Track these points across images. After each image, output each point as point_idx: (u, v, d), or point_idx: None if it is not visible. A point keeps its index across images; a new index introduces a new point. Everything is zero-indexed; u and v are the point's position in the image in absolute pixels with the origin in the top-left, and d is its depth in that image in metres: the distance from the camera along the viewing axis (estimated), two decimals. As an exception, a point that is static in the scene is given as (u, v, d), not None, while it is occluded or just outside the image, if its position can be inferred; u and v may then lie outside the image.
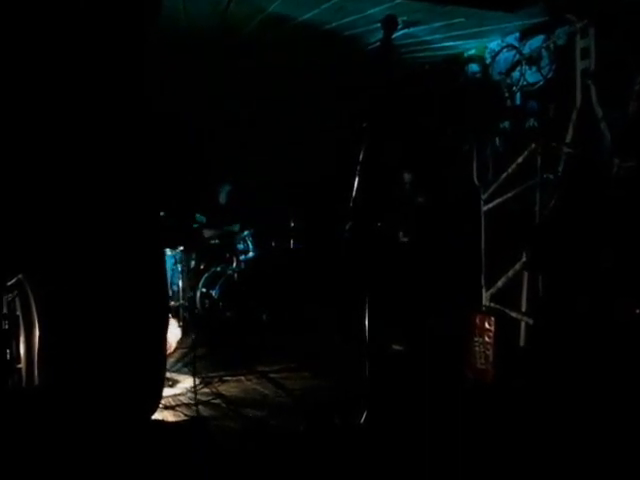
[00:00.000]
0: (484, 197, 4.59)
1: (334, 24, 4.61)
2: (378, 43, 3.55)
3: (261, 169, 6.72)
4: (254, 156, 6.73)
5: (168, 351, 4.24)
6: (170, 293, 5.53)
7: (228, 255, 6.15)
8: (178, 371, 4.67)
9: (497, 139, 4.95)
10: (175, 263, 5.65)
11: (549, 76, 4.64)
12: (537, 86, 4.74)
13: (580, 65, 4.17)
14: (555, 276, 4.19)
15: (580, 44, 4.18)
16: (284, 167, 6.66)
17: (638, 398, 3.30)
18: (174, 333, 4.71)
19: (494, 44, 5.07)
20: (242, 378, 4.54)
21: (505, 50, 4.93)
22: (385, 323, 4.91)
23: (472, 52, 5.26)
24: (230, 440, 3.41)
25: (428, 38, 4.91)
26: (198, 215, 6.16)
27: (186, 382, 4.41)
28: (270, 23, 4.57)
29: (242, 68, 5.62)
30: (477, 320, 4.39)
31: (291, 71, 5.68)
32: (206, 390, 4.25)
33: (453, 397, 3.87)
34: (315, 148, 6.58)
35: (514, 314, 4.35)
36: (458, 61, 5.33)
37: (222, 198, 6.52)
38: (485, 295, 4.57)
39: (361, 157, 3.33)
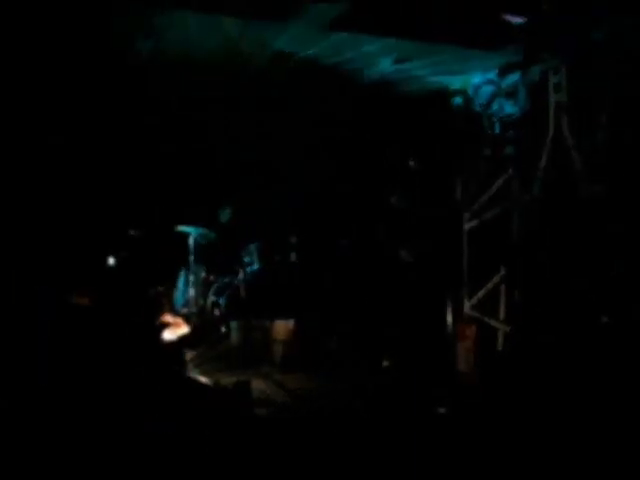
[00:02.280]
0: (466, 217, 5.02)
1: (333, 60, 5.05)
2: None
3: (264, 190, 7.11)
4: (257, 177, 7.13)
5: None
6: (183, 301, 6.12)
7: (236, 267, 6.71)
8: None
9: (479, 164, 5.34)
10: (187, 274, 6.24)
11: (525, 108, 5.05)
12: (514, 117, 5.15)
13: (553, 98, 4.59)
14: (529, 288, 4.58)
15: (553, 80, 4.61)
16: (285, 189, 7.02)
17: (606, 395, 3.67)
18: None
19: (476, 79, 5.48)
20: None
21: (486, 84, 5.36)
22: (375, 338, 5.27)
23: (457, 86, 5.70)
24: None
25: (418, 73, 5.35)
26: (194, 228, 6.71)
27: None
28: (276, 58, 5.02)
29: (246, 98, 6.02)
30: (460, 328, 4.84)
31: (291, 101, 6.04)
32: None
33: (438, 398, 4.19)
34: (315, 168, 6.90)
35: (493, 322, 4.76)
36: (445, 94, 5.76)
37: (223, 218, 7.06)
38: (467, 305, 4.98)
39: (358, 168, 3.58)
